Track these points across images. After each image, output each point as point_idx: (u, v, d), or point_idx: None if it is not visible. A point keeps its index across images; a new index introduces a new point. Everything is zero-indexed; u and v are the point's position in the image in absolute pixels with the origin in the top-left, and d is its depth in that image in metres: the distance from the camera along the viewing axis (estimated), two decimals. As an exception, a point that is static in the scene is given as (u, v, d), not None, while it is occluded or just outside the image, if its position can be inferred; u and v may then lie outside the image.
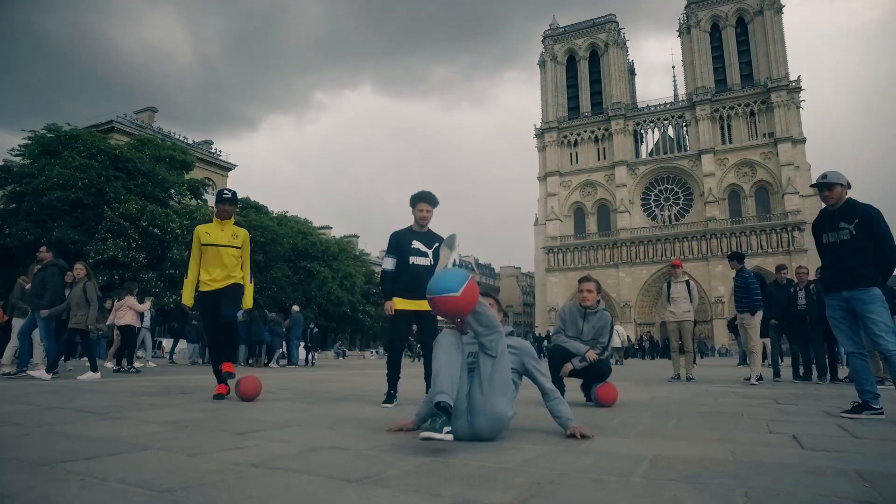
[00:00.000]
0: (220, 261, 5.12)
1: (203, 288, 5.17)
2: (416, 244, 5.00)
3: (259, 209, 43.04)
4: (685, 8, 73.48)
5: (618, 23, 78.36)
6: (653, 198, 72.36)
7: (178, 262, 28.91)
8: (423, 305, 4.94)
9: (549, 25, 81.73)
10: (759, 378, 8.07)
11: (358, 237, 66.24)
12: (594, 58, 78.10)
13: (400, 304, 4.94)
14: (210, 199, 46.44)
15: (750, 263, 50.08)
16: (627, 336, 26.38)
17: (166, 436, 3.01)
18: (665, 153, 72.78)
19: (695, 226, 67.03)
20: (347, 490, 1.93)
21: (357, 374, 12.16)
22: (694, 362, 9.51)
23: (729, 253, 9.65)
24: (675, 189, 71.04)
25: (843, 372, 8.86)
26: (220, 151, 53.10)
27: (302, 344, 16.10)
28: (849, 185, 4.35)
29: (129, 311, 9.83)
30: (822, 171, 4.40)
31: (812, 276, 8.84)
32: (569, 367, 4.92)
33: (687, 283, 8.81)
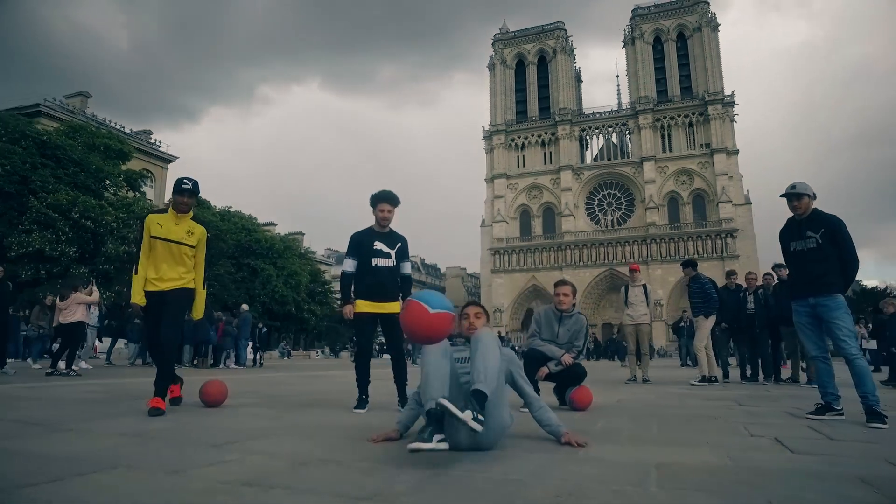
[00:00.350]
0: (170, 259, 4.42)
1: (148, 287, 4.44)
2: (379, 245, 4.83)
3: (201, 204, 41.36)
4: (630, 20, 75.98)
5: (566, 30, 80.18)
6: (596, 202, 74.40)
7: (113, 258, 27.39)
8: (387, 308, 4.80)
9: (500, 29, 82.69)
10: (704, 378, 8.35)
11: (303, 235, 64.94)
12: (542, 63, 79.58)
13: (363, 306, 4.77)
14: (149, 191, 44.41)
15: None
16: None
17: (133, 450, 2.74)
18: (609, 159, 75.00)
19: (636, 230, 69.35)
20: (363, 511, 1.78)
21: (312, 375, 11.81)
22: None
23: (683, 260, 9.93)
24: (618, 194, 73.30)
25: (784, 373, 9.29)
26: (160, 142, 50.73)
27: (250, 344, 15.52)
28: (814, 196, 4.51)
29: (78, 307, 9.08)
30: (791, 182, 4.54)
31: (759, 282, 9.22)
32: (544, 370, 4.89)
33: (644, 287, 9.01)
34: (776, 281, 9.02)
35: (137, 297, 4.43)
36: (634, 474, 2.31)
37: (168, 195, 4.77)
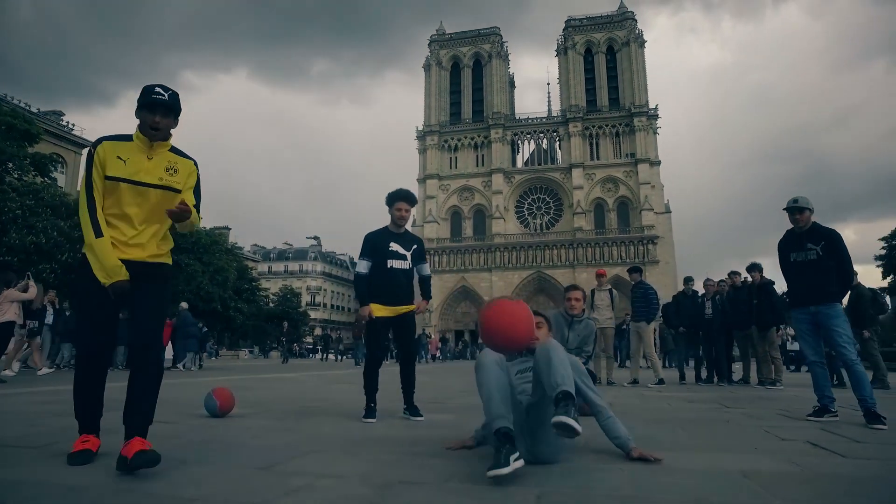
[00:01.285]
0: (139, 212, 2.74)
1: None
2: (395, 246, 4.63)
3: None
4: (563, 31, 78.32)
5: (501, 35, 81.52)
6: (526, 206, 76.10)
7: (17, 248, 25.01)
8: (401, 310, 4.62)
9: (436, 31, 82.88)
10: (661, 381, 8.74)
11: (229, 229, 62.12)
12: (477, 67, 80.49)
13: (377, 310, 4.54)
14: (60, 177, 40.90)
15: (610, 273, 53.91)
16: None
17: (172, 478, 2.39)
18: (539, 164, 76.93)
19: (563, 234, 71.49)
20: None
21: (269, 378, 11.25)
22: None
23: (630, 266, 10.31)
24: (547, 199, 75.33)
25: (736, 375, 9.83)
26: (73, 125, 46.90)
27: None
28: (813, 210, 4.75)
29: (11, 305, 8.06)
30: (793, 196, 4.76)
31: (716, 289, 9.68)
32: None
33: (610, 291, 9.24)
34: (728, 287, 9.51)
35: (117, 270, 2.58)
36: (733, 484, 2.28)
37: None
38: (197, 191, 2.91)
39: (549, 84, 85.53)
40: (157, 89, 2.74)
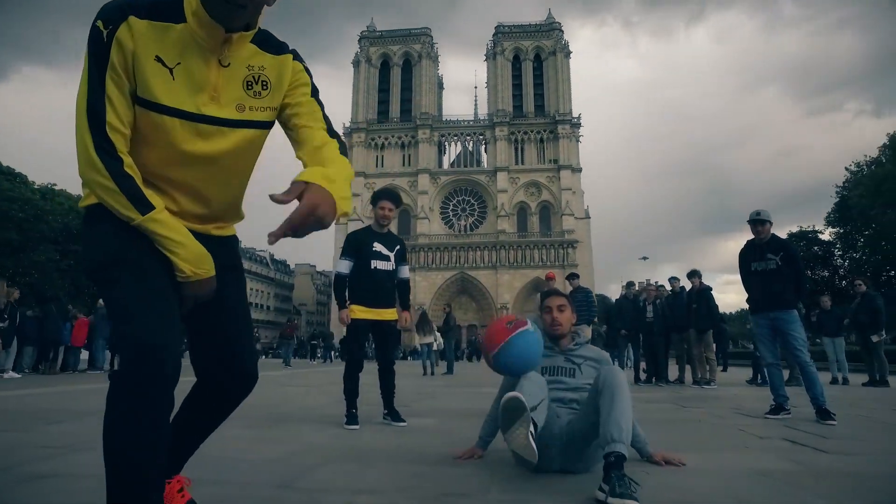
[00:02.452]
0: (192, 170, 1.43)
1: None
2: (378, 247, 4.51)
3: (14, 177, 35.24)
4: (493, 36, 79.78)
5: (432, 37, 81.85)
6: (451, 207, 76.79)
7: None
8: (384, 315, 4.51)
9: (367, 27, 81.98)
10: None
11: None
12: (407, 66, 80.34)
13: (360, 312, 4.42)
14: (-59, 158, 36.66)
15: (531, 275, 55.79)
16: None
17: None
18: (465, 166, 77.88)
19: (487, 237, 72.74)
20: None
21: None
22: None
23: (568, 273, 10.74)
24: (472, 201, 76.39)
25: (672, 375, 10.39)
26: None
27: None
28: (772, 222, 5.09)
29: None
30: (756, 209, 5.08)
31: (656, 293, 10.18)
32: None
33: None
34: (668, 293, 10.06)
35: (204, 258, 1.42)
36: (751, 480, 2.41)
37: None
38: (319, 100, 1.56)
39: (476, 88, 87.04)
40: None
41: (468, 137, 79.28)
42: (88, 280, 1.82)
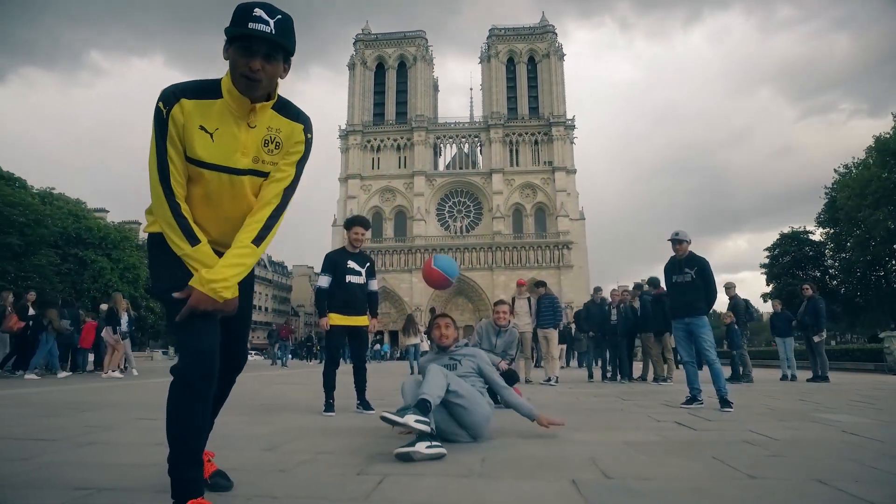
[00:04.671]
0: (231, 204, 2.00)
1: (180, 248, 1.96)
2: (351, 264, 5.41)
3: (14, 181, 35.94)
4: (487, 39, 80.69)
5: (427, 39, 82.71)
6: (447, 209, 77.67)
7: None
8: (356, 321, 5.40)
9: (362, 30, 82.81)
10: (557, 380, 9.97)
11: (140, 224, 59.12)
12: (402, 69, 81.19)
13: (337, 319, 5.30)
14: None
15: (527, 276, 55.99)
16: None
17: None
18: (460, 168, 78.82)
19: (483, 238, 73.66)
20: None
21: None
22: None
23: (535, 280, 11.60)
24: (468, 203, 77.30)
25: (635, 373, 11.29)
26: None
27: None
28: (690, 241, 5.98)
29: None
30: (674, 230, 5.99)
31: (620, 298, 11.06)
32: (504, 363, 5.80)
33: (528, 299, 10.36)
34: (639, 296, 10.92)
35: (227, 282, 1.85)
36: (615, 448, 3.28)
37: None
38: (300, 166, 2.02)
39: (472, 90, 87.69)
40: (258, 12, 1.77)
41: (463, 139, 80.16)
42: (152, 297, 2.59)
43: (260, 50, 1.79)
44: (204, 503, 1.80)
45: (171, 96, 1.83)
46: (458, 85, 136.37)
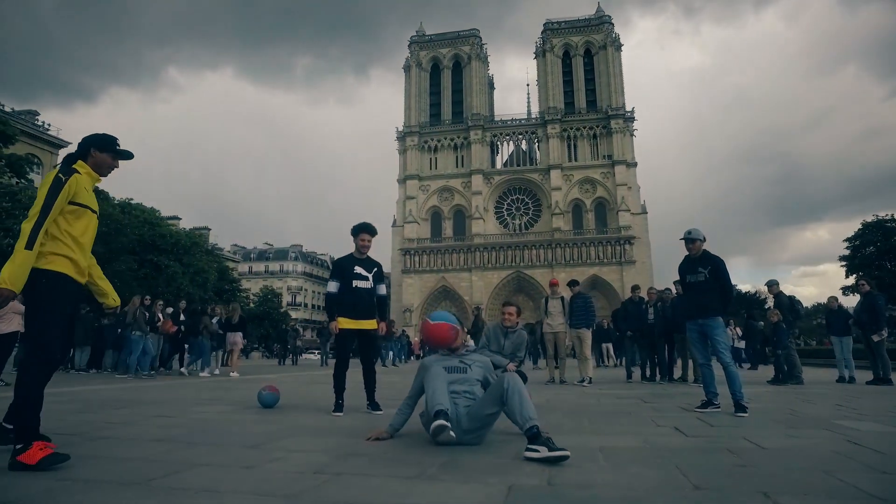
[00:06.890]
0: (90, 238, 3.27)
1: (78, 276, 3.16)
2: (359, 269, 5.59)
3: (98, 194, 38.76)
4: (542, 33, 79.74)
5: (481, 38, 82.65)
6: (505, 206, 77.35)
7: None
8: (364, 325, 5.58)
9: (416, 31, 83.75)
10: (591, 380, 9.79)
11: (209, 230, 62.49)
12: (457, 68, 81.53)
13: (345, 323, 5.49)
14: (36, 178, 40.93)
15: (588, 272, 55.16)
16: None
17: (189, 453, 3.35)
18: (518, 165, 78.29)
19: (542, 235, 72.91)
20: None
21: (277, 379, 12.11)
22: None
23: (569, 280, 11.37)
24: (526, 200, 76.69)
25: (676, 373, 10.94)
26: (49, 125, 46.89)
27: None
28: (704, 239, 5.79)
29: (14, 316, 8.73)
30: (687, 228, 5.80)
31: (655, 297, 10.76)
32: (512, 365, 5.83)
33: (562, 299, 10.27)
34: (674, 295, 10.58)
35: (16, 277, 2.86)
36: (584, 454, 3.28)
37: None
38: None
39: (528, 85, 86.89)
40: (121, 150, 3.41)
41: (520, 136, 79.58)
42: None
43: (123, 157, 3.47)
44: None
45: (68, 174, 3.15)
46: (517, 81, 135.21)
